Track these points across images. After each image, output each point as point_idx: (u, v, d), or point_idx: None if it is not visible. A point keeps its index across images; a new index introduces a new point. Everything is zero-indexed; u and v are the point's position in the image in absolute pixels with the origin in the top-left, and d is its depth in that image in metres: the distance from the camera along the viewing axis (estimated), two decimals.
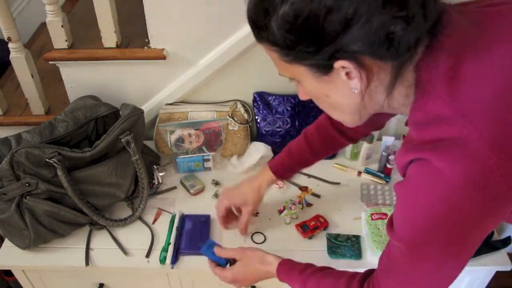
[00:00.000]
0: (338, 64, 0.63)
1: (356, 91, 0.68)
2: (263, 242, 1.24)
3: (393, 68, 0.65)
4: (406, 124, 0.75)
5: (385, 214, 1.24)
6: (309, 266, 0.96)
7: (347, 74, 0.65)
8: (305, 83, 0.71)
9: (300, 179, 1.43)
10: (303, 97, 0.78)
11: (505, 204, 0.65)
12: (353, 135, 1.12)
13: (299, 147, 1.16)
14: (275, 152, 1.45)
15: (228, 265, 1.05)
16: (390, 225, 0.74)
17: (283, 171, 1.18)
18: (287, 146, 1.18)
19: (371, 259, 1.19)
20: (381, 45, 0.61)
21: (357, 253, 1.19)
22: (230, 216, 1.24)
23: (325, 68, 0.66)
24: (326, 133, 1.12)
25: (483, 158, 0.61)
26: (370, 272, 0.85)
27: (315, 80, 0.69)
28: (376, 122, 1.09)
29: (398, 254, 0.75)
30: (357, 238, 1.23)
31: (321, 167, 1.44)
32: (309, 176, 1.43)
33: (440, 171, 0.63)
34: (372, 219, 1.24)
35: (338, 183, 1.41)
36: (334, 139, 1.12)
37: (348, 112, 0.74)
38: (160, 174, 1.41)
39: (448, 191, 0.64)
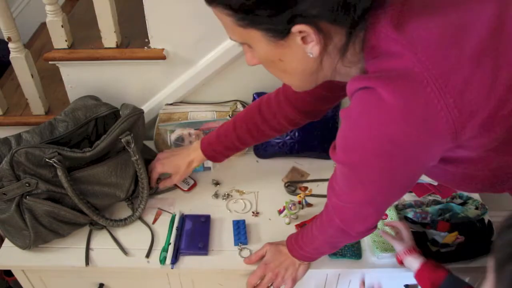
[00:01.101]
0: (296, 28, 0.64)
1: (311, 55, 0.69)
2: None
3: (347, 32, 0.67)
4: None
5: (385, 214, 1.24)
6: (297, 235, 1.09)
7: (303, 39, 0.66)
8: (258, 47, 0.71)
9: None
10: (251, 62, 0.77)
11: (439, 141, 0.66)
12: (279, 124, 1.13)
13: (226, 132, 1.18)
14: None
15: None
16: (334, 147, 0.77)
17: (212, 152, 1.23)
18: (219, 127, 1.21)
19: (371, 259, 1.19)
20: (339, 10, 0.62)
21: (357, 253, 1.19)
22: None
23: (282, 32, 0.66)
24: (252, 121, 1.14)
25: (425, 91, 0.62)
26: None
27: (269, 45, 0.69)
28: (318, 109, 1.10)
29: (339, 174, 0.80)
30: None
31: (321, 168, 1.45)
32: (308, 181, 1.43)
33: (382, 99, 0.64)
34: None
35: None
36: (258, 127, 1.14)
37: (299, 76, 0.76)
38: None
39: (387, 119, 0.65)
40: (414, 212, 1.24)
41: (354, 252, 1.20)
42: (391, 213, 1.24)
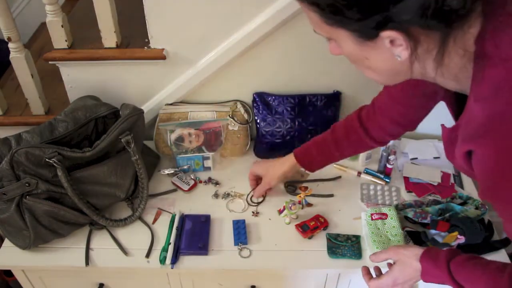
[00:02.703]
0: (385, 34, 0.62)
1: (399, 59, 0.66)
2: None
3: (441, 37, 0.63)
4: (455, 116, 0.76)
5: (385, 214, 1.24)
6: (454, 253, 0.89)
7: (392, 42, 0.64)
8: (344, 45, 0.69)
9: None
10: (334, 52, 0.74)
11: None
12: (378, 136, 1.12)
13: (324, 139, 1.20)
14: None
15: None
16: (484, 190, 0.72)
17: (307, 160, 1.24)
18: (315, 137, 1.22)
19: None
20: (434, 16, 0.58)
21: (357, 253, 1.19)
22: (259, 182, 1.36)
23: (370, 35, 0.64)
24: (352, 130, 1.14)
25: None
26: None
27: (356, 44, 0.67)
28: (411, 119, 1.06)
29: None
30: (357, 238, 1.23)
31: None
32: (308, 181, 1.43)
33: None
34: (372, 219, 1.24)
35: (339, 177, 1.43)
36: (359, 138, 1.14)
37: (384, 75, 0.73)
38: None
39: None
40: (414, 212, 1.24)
41: (354, 252, 1.20)
42: (391, 213, 1.24)
